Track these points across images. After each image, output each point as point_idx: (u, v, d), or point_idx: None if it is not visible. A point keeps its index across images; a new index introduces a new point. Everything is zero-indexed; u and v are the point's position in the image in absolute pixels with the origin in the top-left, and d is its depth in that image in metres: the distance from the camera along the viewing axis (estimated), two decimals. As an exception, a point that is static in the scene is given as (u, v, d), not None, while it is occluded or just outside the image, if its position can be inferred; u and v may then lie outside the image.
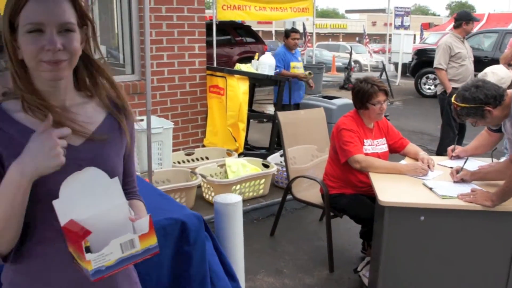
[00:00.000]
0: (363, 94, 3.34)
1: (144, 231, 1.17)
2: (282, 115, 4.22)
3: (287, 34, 6.47)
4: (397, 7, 17.14)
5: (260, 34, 15.42)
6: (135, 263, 1.19)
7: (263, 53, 13.35)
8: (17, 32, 1.18)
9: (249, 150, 6.14)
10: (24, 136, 1.16)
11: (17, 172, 1.12)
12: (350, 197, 3.42)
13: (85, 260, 1.08)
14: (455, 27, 5.87)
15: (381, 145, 3.46)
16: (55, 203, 1.15)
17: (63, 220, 1.13)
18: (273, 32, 34.08)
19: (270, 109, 9.45)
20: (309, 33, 14.91)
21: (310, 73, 6.49)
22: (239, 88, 5.64)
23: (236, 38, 12.86)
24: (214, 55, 6.91)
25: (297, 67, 6.53)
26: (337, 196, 3.48)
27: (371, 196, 3.22)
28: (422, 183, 2.94)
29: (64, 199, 1.16)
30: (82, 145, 1.27)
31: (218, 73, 5.85)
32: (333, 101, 6.11)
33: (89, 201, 1.18)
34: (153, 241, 1.18)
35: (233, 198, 2.56)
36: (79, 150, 1.26)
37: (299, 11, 10.28)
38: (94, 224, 1.15)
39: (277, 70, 6.18)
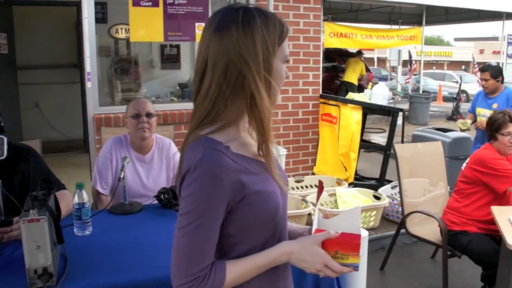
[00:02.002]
0: (494, 123, 3.29)
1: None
2: (399, 147, 4.13)
3: None
4: (510, 35, 16.18)
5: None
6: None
7: (369, 81, 13.27)
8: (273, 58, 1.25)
9: (358, 180, 6.04)
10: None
11: (286, 257, 1.28)
12: (474, 235, 3.26)
13: (357, 255, 1.26)
14: None
15: None
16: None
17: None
18: (375, 59, 33.53)
19: (374, 138, 9.29)
20: (415, 61, 14.52)
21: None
22: (352, 118, 5.60)
23: (342, 65, 12.81)
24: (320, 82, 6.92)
25: None
26: (459, 234, 3.33)
27: (495, 237, 3.06)
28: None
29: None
30: None
31: (332, 102, 5.85)
32: (448, 134, 5.89)
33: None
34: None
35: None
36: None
37: (406, 39, 10.07)
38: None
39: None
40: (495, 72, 5.02)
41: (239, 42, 1.20)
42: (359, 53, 12.10)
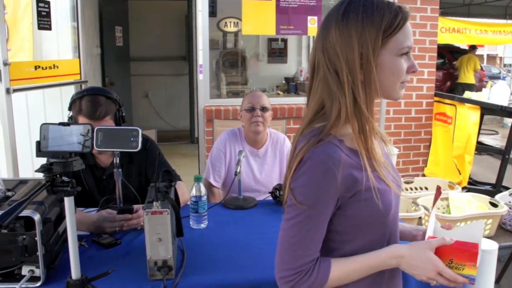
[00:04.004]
0: None
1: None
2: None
3: None
4: None
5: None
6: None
7: (480, 80, 12.51)
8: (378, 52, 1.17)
9: (471, 184, 5.69)
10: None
11: (395, 261, 1.21)
12: None
13: (473, 266, 1.16)
14: None
15: None
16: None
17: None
18: (485, 56, 31.61)
19: (485, 140, 8.72)
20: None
21: None
22: (469, 118, 5.26)
23: (452, 63, 12.15)
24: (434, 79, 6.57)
25: None
26: None
27: None
28: None
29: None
30: None
31: (447, 101, 5.54)
32: None
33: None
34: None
35: (487, 244, 2.25)
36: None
37: (527, 35, 9.35)
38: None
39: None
40: None
41: (335, 38, 1.16)
42: (473, 48, 11.44)
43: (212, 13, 6.06)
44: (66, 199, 1.33)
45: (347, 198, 1.17)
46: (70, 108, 2.32)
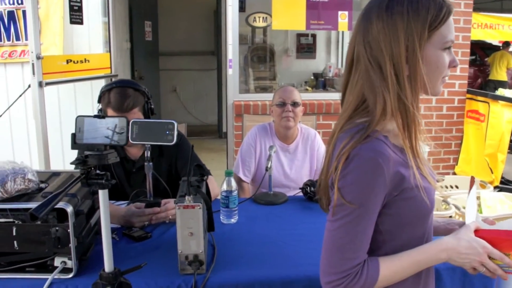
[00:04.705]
0: None
1: None
2: None
3: None
4: None
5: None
6: None
7: (512, 77, 12.23)
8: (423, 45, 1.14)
9: (504, 184, 5.56)
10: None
11: (445, 254, 1.18)
12: None
13: None
14: None
15: None
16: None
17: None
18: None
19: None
20: None
21: None
22: (502, 116, 5.14)
23: (484, 59, 11.90)
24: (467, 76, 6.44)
25: None
26: None
27: None
28: None
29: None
30: None
31: (480, 98, 5.41)
32: None
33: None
34: None
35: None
36: None
37: None
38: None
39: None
40: None
41: (379, 31, 1.13)
42: (507, 44, 11.19)
43: (241, 8, 6.05)
44: (100, 192, 1.32)
45: (393, 196, 1.14)
46: (99, 101, 2.33)
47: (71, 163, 1.30)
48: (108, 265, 1.36)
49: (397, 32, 1.12)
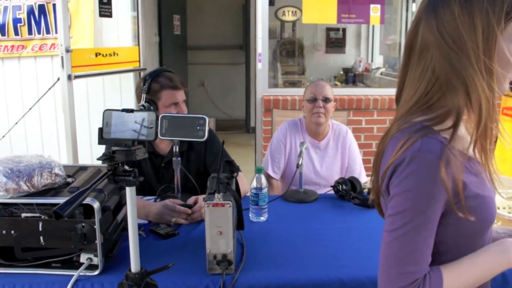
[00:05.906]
0: None
1: None
2: None
3: None
4: None
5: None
6: None
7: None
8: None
9: (540, 183, 5.40)
10: None
11: (508, 263, 1.05)
12: None
13: None
14: None
15: None
16: None
17: None
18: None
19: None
20: None
21: None
22: (540, 113, 4.98)
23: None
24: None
25: None
26: None
27: None
28: None
29: None
30: None
31: (516, 94, 5.25)
32: None
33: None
34: None
35: None
36: None
37: None
38: None
39: None
40: None
41: (452, 19, 1.00)
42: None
43: (271, 2, 5.99)
44: (127, 189, 1.28)
45: (453, 204, 1.02)
46: (148, 91, 2.27)
47: (98, 159, 1.26)
48: (134, 265, 1.31)
49: (473, 20, 0.99)
